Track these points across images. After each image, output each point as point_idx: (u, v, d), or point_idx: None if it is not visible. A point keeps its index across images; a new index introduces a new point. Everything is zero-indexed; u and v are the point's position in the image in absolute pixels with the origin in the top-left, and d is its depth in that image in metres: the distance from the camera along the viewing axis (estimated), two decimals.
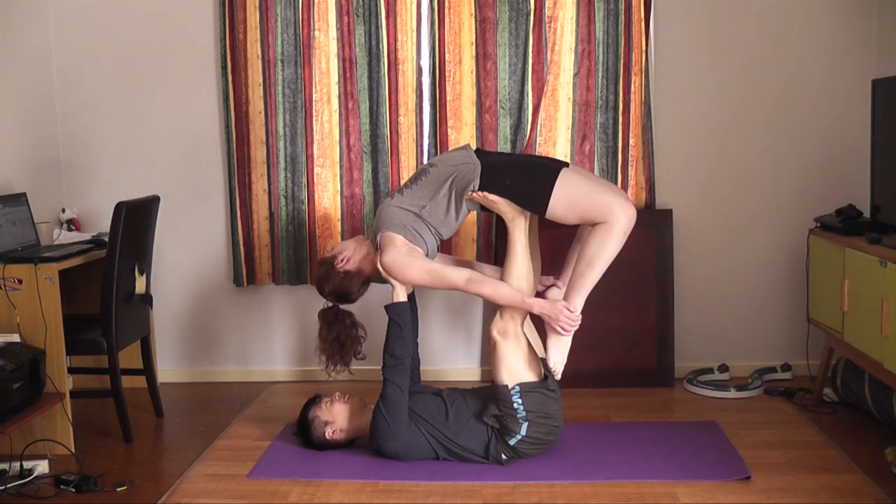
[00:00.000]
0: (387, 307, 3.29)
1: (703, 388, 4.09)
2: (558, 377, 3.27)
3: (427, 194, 3.27)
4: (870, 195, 3.56)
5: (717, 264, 4.32)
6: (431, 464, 3.28)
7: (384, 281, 3.32)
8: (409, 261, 3.21)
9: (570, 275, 3.29)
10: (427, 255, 3.29)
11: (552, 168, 3.25)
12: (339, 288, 3.39)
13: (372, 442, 3.32)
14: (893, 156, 3.36)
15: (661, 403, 3.98)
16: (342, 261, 3.37)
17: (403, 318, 3.28)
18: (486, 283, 3.21)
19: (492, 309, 3.31)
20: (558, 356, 3.27)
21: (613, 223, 3.12)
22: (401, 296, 3.29)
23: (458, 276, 3.21)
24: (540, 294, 3.42)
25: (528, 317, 3.33)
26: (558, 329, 3.20)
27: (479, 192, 3.23)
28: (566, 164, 3.29)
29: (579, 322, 3.21)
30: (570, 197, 3.17)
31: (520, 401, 3.18)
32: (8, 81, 4.03)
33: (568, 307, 3.19)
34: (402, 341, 3.27)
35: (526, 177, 3.23)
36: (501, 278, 3.30)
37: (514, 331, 3.23)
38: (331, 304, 3.44)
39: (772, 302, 4.32)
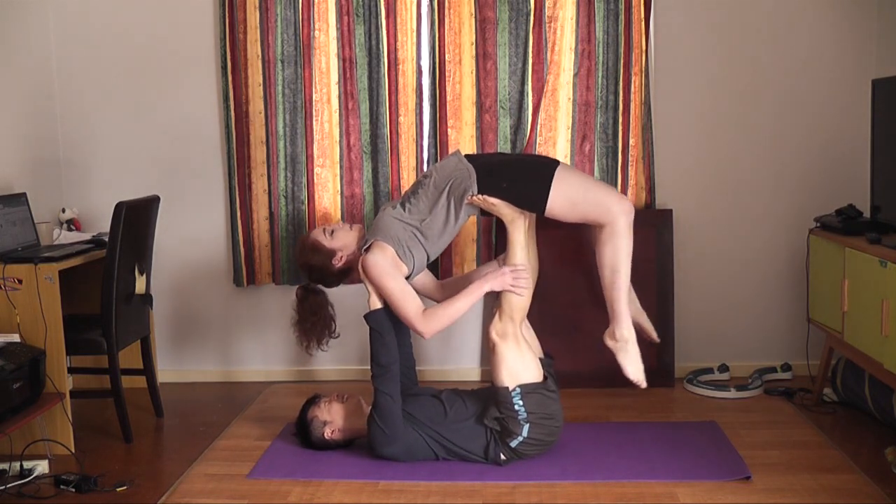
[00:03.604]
0: (365, 316, 3.30)
1: (703, 388, 4.08)
2: (644, 386, 3.31)
3: (426, 206, 3.29)
4: (870, 195, 3.56)
5: (717, 264, 4.32)
6: (431, 464, 3.28)
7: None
8: (389, 271, 3.23)
9: (604, 288, 3.29)
10: (412, 273, 3.31)
11: (547, 166, 3.27)
12: (327, 280, 3.49)
13: (371, 450, 3.31)
14: (893, 156, 3.36)
15: (661, 403, 3.98)
16: (340, 258, 3.40)
17: (383, 325, 3.28)
18: (438, 311, 3.22)
19: (490, 309, 3.31)
20: (633, 367, 3.30)
21: (615, 223, 3.16)
22: (377, 303, 3.30)
23: (417, 308, 3.21)
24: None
25: (525, 317, 3.34)
26: (512, 289, 3.19)
27: (480, 196, 3.24)
28: (558, 163, 3.31)
29: (525, 270, 3.22)
30: (567, 195, 3.20)
31: (521, 402, 3.18)
32: (8, 81, 4.03)
33: (508, 268, 3.22)
34: (385, 347, 3.27)
35: (522, 177, 3.25)
36: None
37: (513, 332, 3.23)
38: (308, 283, 3.52)
39: (772, 302, 4.33)
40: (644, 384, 3.32)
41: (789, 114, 4.21)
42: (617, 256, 3.20)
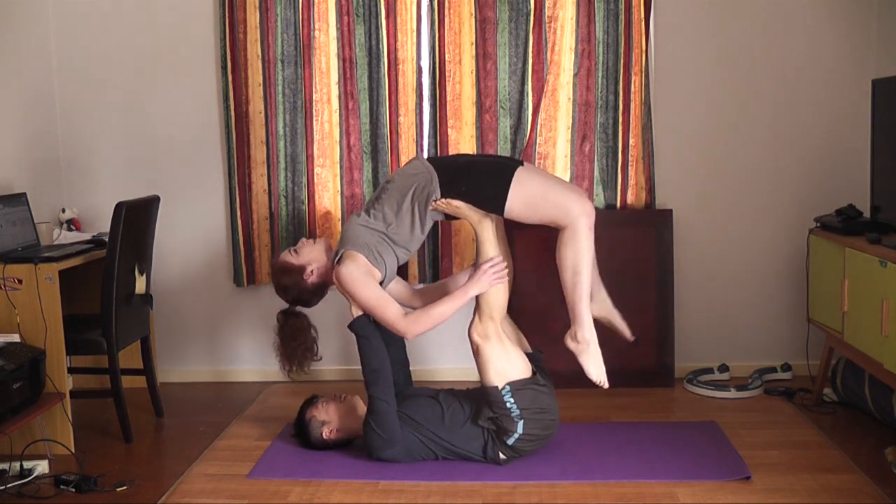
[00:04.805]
0: (350, 325, 3.29)
1: (703, 388, 4.09)
2: (606, 386, 3.28)
3: (391, 211, 3.26)
4: (870, 195, 3.56)
5: (717, 264, 4.32)
6: (431, 464, 3.28)
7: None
8: (364, 280, 3.20)
9: (565, 290, 3.24)
10: (384, 278, 3.29)
11: (507, 167, 3.24)
12: (304, 299, 3.42)
13: (369, 455, 3.30)
14: (893, 156, 3.36)
15: (661, 403, 3.98)
16: (310, 273, 3.35)
17: (367, 329, 3.26)
18: (422, 314, 3.21)
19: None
20: (595, 368, 3.27)
21: (575, 226, 3.14)
22: (359, 310, 3.27)
23: (396, 310, 3.20)
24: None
25: (506, 313, 3.33)
26: (496, 282, 3.19)
27: (443, 200, 3.22)
28: (521, 163, 3.30)
29: (501, 260, 3.22)
30: (526, 197, 3.17)
31: (511, 399, 3.17)
32: (8, 81, 4.03)
33: (486, 265, 3.21)
34: (374, 351, 3.25)
35: (481, 179, 3.22)
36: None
37: (495, 331, 3.22)
38: (288, 307, 3.45)
39: (772, 302, 4.33)
40: (606, 385, 3.29)
41: (789, 114, 4.21)
42: (578, 258, 3.16)
